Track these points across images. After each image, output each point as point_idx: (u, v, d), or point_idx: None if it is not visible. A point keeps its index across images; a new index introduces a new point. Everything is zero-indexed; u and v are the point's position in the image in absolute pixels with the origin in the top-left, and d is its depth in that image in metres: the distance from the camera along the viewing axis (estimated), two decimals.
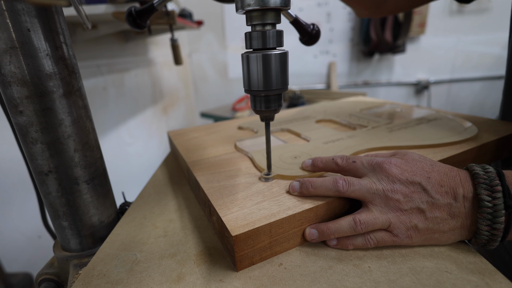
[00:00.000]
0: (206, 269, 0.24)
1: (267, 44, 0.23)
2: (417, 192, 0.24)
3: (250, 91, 0.25)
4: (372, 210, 0.25)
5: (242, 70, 0.25)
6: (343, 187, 0.25)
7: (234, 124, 0.53)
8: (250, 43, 0.24)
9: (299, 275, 0.23)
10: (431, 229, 0.24)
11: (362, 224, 0.24)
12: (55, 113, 0.24)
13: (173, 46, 0.79)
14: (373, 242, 0.24)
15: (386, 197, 0.24)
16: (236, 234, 0.22)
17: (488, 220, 0.22)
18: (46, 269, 0.30)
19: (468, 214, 0.23)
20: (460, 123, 0.45)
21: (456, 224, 0.24)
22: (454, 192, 0.24)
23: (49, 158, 0.25)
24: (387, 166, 0.25)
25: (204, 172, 0.33)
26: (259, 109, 0.26)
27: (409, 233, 0.24)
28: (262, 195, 0.27)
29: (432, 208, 0.24)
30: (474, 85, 2.28)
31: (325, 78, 2.14)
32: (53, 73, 0.24)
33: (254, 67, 0.24)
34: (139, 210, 0.34)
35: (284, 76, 0.25)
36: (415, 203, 0.24)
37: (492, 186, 0.22)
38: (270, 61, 0.24)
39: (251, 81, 0.25)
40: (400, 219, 0.24)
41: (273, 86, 0.24)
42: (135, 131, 1.15)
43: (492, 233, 0.22)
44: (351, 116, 0.52)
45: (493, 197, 0.22)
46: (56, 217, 0.28)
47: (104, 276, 0.24)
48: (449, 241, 0.25)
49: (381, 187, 0.25)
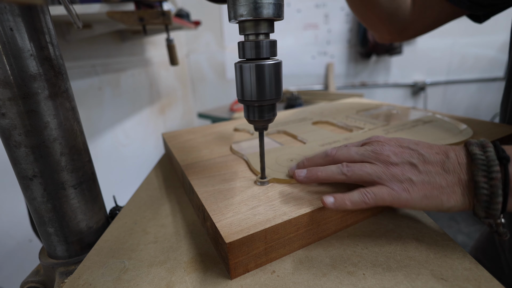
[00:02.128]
0: (197, 277, 0.23)
1: (260, 54, 0.23)
2: (407, 152, 0.25)
3: (244, 101, 0.25)
4: (363, 163, 0.26)
5: (235, 80, 0.25)
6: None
7: (230, 126, 0.53)
8: (243, 52, 0.24)
9: (292, 283, 0.22)
10: (428, 183, 0.23)
11: (349, 166, 0.26)
12: (40, 116, 0.23)
13: (168, 46, 0.78)
14: (371, 196, 0.24)
15: (376, 154, 0.26)
16: (230, 241, 0.21)
17: (484, 171, 0.22)
18: (31, 277, 0.29)
19: (463, 169, 0.23)
20: (455, 125, 0.44)
21: (454, 180, 0.23)
22: (445, 152, 0.24)
23: (34, 162, 0.24)
24: (375, 137, 0.28)
25: (199, 175, 0.32)
26: (253, 119, 0.26)
27: (405, 186, 0.23)
28: (258, 199, 0.27)
29: (424, 163, 0.24)
30: (470, 86, 2.29)
31: (322, 79, 2.15)
32: (38, 74, 0.23)
33: (247, 77, 0.24)
34: (130, 215, 0.33)
35: (278, 85, 0.24)
36: (405, 158, 0.25)
37: (483, 145, 0.23)
38: (264, 71, 0.23)
39: (244, 91, 0.24)
40: (392, 171, 0.24)
41: (266, 96, 0.24)
42: (131, 132, 1.13)
43: (490, 184, 0.21)
44: (347, 118, 0.51)
45: (485, 151, 0.22)
46: (41, 223, 0.27)
47: (90, 285, 0.23)
48: (451, 202, 0.23)
49: (371, 148, 0.26)
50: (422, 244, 0.25)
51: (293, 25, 1.93)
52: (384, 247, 0.25)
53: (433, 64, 2.18)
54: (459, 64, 2.21)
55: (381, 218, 0.29)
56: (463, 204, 0.23)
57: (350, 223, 0.28)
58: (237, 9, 0.22)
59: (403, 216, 0.29)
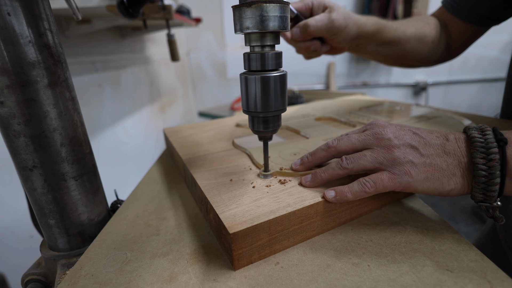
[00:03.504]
0: (200, 268, 0.23)
1: (266, 66, 0.23)
2: (408, 135, 0.25)
3: (248, 112, 0.25)
4: (362, 152, 0.26)
5: (241, 91, 0.25)
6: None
7: (232, 122, 0.52)
8: (248, 64, 0.24)
9: (296, 274, 0.22)
10: (429, 165, 0.23)
11: (348, 159, 0.25)
12: (39, 105, 0.23)
13: (169, 41, 0.78)
14: (370, 185, 0.24)
15: (377, 139, 0.26)
16: (234, 231, 0.21)
17: (482, 153, 0.22)
18: (33, 269, 0.29)
19: (463, 152, 0.23)
20: (459, 120, 0.44)
21: (454, 162, 0.23)
22: (445, 136, 0.25)
23: (33, 153, 0.24)
24: (375, 122, 0.28)
25: (201, 168, 0.32)
26: (257, 129, 0.26)
27: (406, 169, 0.23)
28: (261, 192, 0.26)
29: (425, 146, 0.24)
30: (471, 87, 2.29)
31: (324, 78, 2.14)
32: (37, 62, 0.22)
33: (252, 88, 0.24)
34: (131, 208, 0.32)
35: (283, 97, 0.24)
36: (406, 140, 0.25)
37: (482, 129, 0.24)
38: (269, 83, 0.23)
39: (249, 102, 0.24)
40: (393, 154, 0.24)
41: (271, 108, 0.24)
42: (132, 130, 1.13)
43: (488, 165, 0.22)
44: (350, 114, 0.51)
45: (483, 134, 0.23)
46: (42, 215, 0.26)
47: (92, 276, 0.22)
48: (451, 185, 0.23)
49: (372, 132, 0.27)
50: (427, 236, 0.25)
51: None
52: (389, 240, 0.25)
53: None
54: (461, 64, 2.21)
55: (385, 211, 0.29)
56: (462, 186, 0.23)
57: (355, 216, 0.28)
58: (243, 22, 0.22)
59: (407, 210, 0.29)
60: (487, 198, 0.23)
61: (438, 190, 0.24)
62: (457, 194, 0.24)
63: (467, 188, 0.23)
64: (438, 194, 0.24)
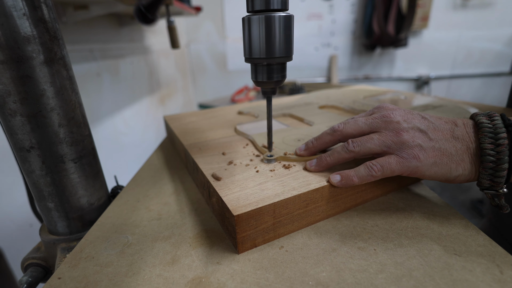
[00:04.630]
0: (203, 251, 0.22)
1: (270, 4, 0.21)
2: (416, 118, 0.25)
3: (251, 59, 0.24)
4: (369, 135, 0.25)
5: (243, 36, 0.24)
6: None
7: (234, 110, 0.51)
8: (252, 3, 0.22)
9: (301, 257, 0.21)
10: (438, 149, 0.23)
11: (354, 142, 0.25)
12: (36, 82, 0.22)
13: (169, 28, 0.76)
14: (377, 168, 0.23)
15: (386, 122, 0.25)
16: (238, 213, 0.20)
17: (491, 138, 0.22)
18: (32, 253, 0.28)
19: (471, 138, 0.23)
20: (466, 109, 0.43)
21: (462, 147, 0.23)
22: (453, 122, 0.24)
23: (31, 133, 0.23)
24: (383, 105, 0.28)
25: (203, 153, 0.31)
26: (261, 80, 0.24)
27: (414, 153, 0.23)
28: (265, 176, 0.26)
29: (434, 130, 0.24)
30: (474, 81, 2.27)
31: (325, 71, 2.12)
32: (32, 37, 0.21)
33: (256, 31, 0.22)
34: (132, 193, 0.32)
35: (288, 43, 0.23)
36: (415, 124, 0.24)
37: (490, 115, 0.23)
38: (274, 24, 0.22)
39: (252, 47, 0.23)
40: (401, 138, 0.24)
41: (276, 53, 0.23)
42: (131, 121, 1.12)
43: (497, 150, 0.21)
44: (354, 103, 0.50)
45: (492, 119, 0.23)
46: (41, 198, 0.26)
47: (93, 258, 0.22)
48: (459, 170, 0.23)
49: (380, 114, 0.26)
50: (433, 222, 0.25)
51: (296, 14, 1.89)
52: (395, 225, 0.24)
53: (438, 57, 2.15)
54: (464, 58, 2.18)
55: (391, 197, 0.29)
56: (470, 172, 0.23)
57: (360, 202, 0.27)
58: None
59: (413, 196, 0.29)
60: (494, 184, 0.22)
61: (445, 175, 0.23)
62: (464, 181, 0.24)
63: (474, 175, 0.23)
64: (445, 180, 0.24)
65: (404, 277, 0.19)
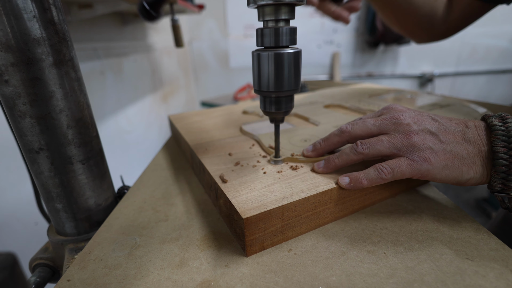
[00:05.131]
0: (211, 254, 0.22)
1: (280, 42, 0.22)
2: (427, 120, 0.24)
3: (260, 91, 0.24)
4: (379, 137, 0.25)
5: (252, 69, 0.24)
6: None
7: (238, 109, 0.51)
8: (261, 40, 0.22)
9: (310, 261, 0.21)
10: (449, 152, 0.23)
11: (363, 143, 0.24)
12: (45, 84, 0.22)
13: (173, 26, 0.76)
14: (387, 171, 0.23)
15: (395, 124, 0.25)
16: (247, 216, 0.20)
17: (504, 142, 0.21)
18: (40, 253, 0.28)
19: (483, 140, 0.22)
20: (474, 109, 0.43)
21: (474, 150, 0.22)
22: (464, 123, 0.24)
23: (40, 134, 0.23)
24: (392, 106, 0.27)
25: (209, 154, 0.31)
26: (269, 110, 0.25)
27: (425, 155, 0.23)
28: (273, 177, 0.25)
29: (444, 132, 0.23)
30: (479, 78, 2.24)
31: (328, 69, 2.10)
32: (42, 39, 0.21)
33: (265, 66, 0.23)
34: (138, 194, 0.32)
35: (297, 76, 0.23)
36: (425, 126, 0.24)
37: (502, 117, 0.23)
38: (283, 60, 0.22)
39: (261, 81, 0.23)
40: (411, 140, 0.23)
41: (284, 87, 0.23)
42: (134, 119, 1.12)
43: (510, 154, 0.21)
44: (360, 102, 0.50)
45: (505, 122, 0.22)
46: (49, 199, 0.26)
47: (101, 260, 0.22)
48: (471, 174, 0.22)
49: (389, 116, 0.25)
50: (444, 225, 0.24)
51: (299, 12, 1.87)
52: (404, 228, 0.24)
53: (442, 54, 2.12)
54: (469, 55, 2.15)
55: (399, 199, 0.28)
56: (481, 176, 0.22)
57: (368, 204, 0.27)
58: None
59: (422, 198, 0.28)
60: (506, 188, 0.22)
61: (457, 179, 0.23)
62: (475, 184, 0.23)
63: (486, 178, 0.23)
64: (456, 183, 0.23)
65: (415, 282, 0.19)
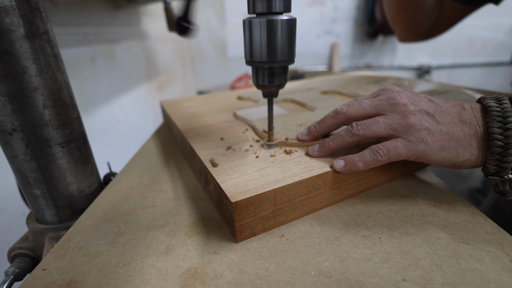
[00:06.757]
0: (199, 240, 0.21)
1: (272, 7, 0.20)
2: (424, 101, 0.24)
3: (252, 62, 0.22)
4: (375, 118, 0.24)
5: (244, 39, 0.22)
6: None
7: (233, 95, 0.49)
8: (253, 6, 0.21)
9: (302, 246, 0.20)
10: (446, 133, 0.22)
11: (359, 125, 0.24)
12: (16, 58, 0.20)
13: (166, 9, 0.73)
14: (383, 153, 0.22)
15: (392, 104, 0.24)
16: (236, 200, 0.19)
17: (499, 123, 0.21)
18: (19, 243, 0.27)
19: (479, 122, 0.22)
20: (471, 95, 0.42)
21: (470, 132, 0.22)
22: (460, 105, 0.23)
23: (12, 114, 0.21)
24: (388, 87, 0.27)
25: (200, 139, 0.30)
26: (262, 83, 0.23)
27: (422, 136, 0.22)
28: (265, 161, 0.24)
29: (441, 113, 0.23)
30: (475, 70, 2.23)
31: (326, 59, 2.07)
32: (10, 7, 0.19)
33: (257, 34, 0.21)
34: (125, 180, 0.30)
35: (291, 46, 0.22)
36: (422, 107, 0.23)
37: (498, 98, 0.22)
38: (276, 28, 0.20)
39: (253, 51, 0.22)
40: (408, 121, 0.22)
41: (278, 58, 0.21)
42: (128, 108, 1.09)
43: (505, 135, 0.20)
44: (358, 88, 0.48)
45: (500, 103, 0.22)
46: (26, 184, 0.24)
47: (81, 248, 0.21)
48: (467, 155, 0.22)
49: (386, 96, 0.25)
50: (440, 209, 0.24)
51: (297, 0, 1.82)
52: (400, 212, 0.23)
53: (439, 46, 2.10)
54: (466, 47, 2.14)
55: (395, 184, 0.27)
56: (477, 158, 0.22)
57: (364, 189, 0.26)
58: None
59: (418, 182, 0.27)
60: (500, 170, 0.21)
61: (452, 160, 0.22)
62: (470, 166, 0.23)
63: (481, 160, 0.22)
64: (452, 165, 0.23)
65: (410, 267, 0.18)
